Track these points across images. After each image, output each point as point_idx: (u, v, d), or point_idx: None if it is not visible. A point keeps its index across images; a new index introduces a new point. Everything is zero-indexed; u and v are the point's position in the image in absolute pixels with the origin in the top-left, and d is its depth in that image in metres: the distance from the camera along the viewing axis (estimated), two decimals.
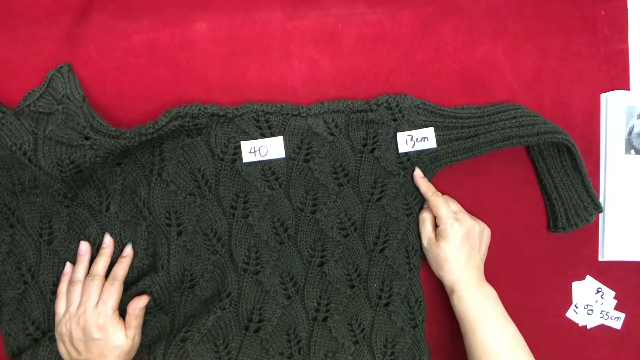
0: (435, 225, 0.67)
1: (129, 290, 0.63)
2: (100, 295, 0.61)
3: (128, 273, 0.64)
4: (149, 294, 0.63)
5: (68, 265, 0.64)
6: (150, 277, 0.63)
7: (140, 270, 0.65)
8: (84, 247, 0.64)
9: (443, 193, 0.68)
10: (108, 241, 0.64)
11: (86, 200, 0.64)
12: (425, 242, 0.67)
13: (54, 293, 0.64)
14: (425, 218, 0.68)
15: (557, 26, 0.73)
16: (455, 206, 0.67)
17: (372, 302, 0.67)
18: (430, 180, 0.68)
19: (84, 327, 0.59)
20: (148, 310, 0.63)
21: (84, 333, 0.59)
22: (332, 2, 0.70)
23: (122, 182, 0.64)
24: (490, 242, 0.69)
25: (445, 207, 0.65)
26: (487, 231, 0.68)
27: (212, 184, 0.65)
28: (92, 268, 0.63)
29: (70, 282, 0.62)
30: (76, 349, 0.59)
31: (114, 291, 0.61)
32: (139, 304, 0.61)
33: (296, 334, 0.65)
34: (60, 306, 0.61)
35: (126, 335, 0.60)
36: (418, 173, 0.67)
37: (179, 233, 0.65)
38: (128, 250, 0.64)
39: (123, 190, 0.64)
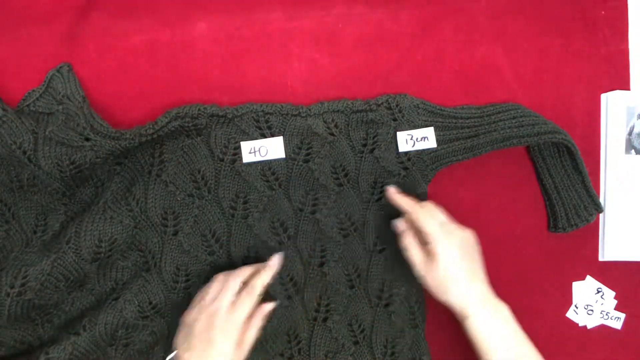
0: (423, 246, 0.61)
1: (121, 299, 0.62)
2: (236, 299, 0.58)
3: (118, 275, 0.63)
4: (143, 293, 0.63)
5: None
6: (143, 277, 0.63)
7: (131, 271, 0.64)
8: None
9: (443, 193, 0.68)
10: (276, 261, 0.63)
11: (84, 197, 0.64)
12: (419, 268, 0.60)
13: None
14: (409, 243, 0.61)
15: (557, 26, 0.73)
16: (440, 216, 0.61)
17: (372, 302, 0.67)
18: (430, 180, 0.68)
19: (210, 324, 0.56)
20: (145, 314, 0.63)
21: (207, 329, 0.56)
22: (332, 2, 0.70)
23: (120, 181, 0.64)
24: (491, 243, 0.69)
25: (431, 221, 0.60)
26: (474, 237, 0.62)
27: (212, 185, 0.65)
28: (240, 269, 0.61)
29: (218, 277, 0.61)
30: (188, 341, 0.56)
31: (250, 302, 0.58)
32: (264, 309, 0.59)
33: (296, 335, 0.65)
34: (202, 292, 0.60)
35: (234, 354, 0.56)
36: (392, 190, 0.65)
37: (175, 233, 0.64)
38: (275, 261, 0.62)
39: (118, 188, 0.64)
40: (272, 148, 0.65)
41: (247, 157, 0.65)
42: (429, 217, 0.60)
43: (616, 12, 0.74)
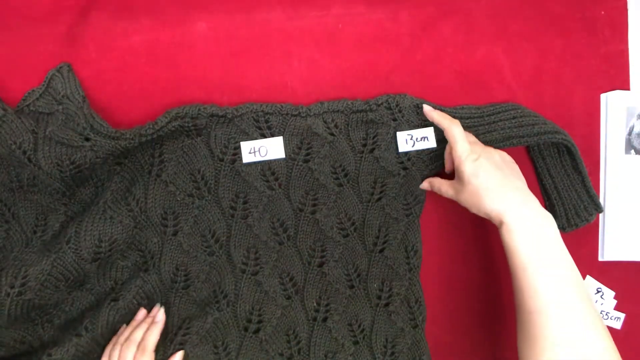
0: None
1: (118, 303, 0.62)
2: None
3: (118, 274, 0.63)
4: (142, 293, 0.63)
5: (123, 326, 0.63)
6: (142, 277, 0.63)
7: (130, 271, 0.64)
8: (141, 315, 0.63)
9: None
10: (160, 316, 0.63)
11: (84, 197, 0.64)
12: (455, 196, 0.62)
13: None
14: (437, 182, 0.64)
15: (557, 26, 0.73)
16: (471, 137, 0.64)
17: (372, 302, 0.67)
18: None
19: None
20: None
21: None
22: (332, 2, 0.70)
23: (120, 181, 0.64)
24: (491, 243, 0.69)
25: (462, 139, 0.60)
26: (508, 157, 0.63)
27: (212, 185, 0.65)
28: (132, 333, 0.61)
29: (114, 343, 0.61)
30: None
31: None
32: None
33: (296, 335, 0.65)
34: None
35: None
36: (428, 107, 0.65)
37: (175, 233, 0.64)
38: (160, 316, 0.63)
39: (118, 188, 0.64)
40: (272, 148, 0.65)
41: (247, 157, 0.65)
42: (462, 135, 0.61)
43: (616, 12, 0.74)
